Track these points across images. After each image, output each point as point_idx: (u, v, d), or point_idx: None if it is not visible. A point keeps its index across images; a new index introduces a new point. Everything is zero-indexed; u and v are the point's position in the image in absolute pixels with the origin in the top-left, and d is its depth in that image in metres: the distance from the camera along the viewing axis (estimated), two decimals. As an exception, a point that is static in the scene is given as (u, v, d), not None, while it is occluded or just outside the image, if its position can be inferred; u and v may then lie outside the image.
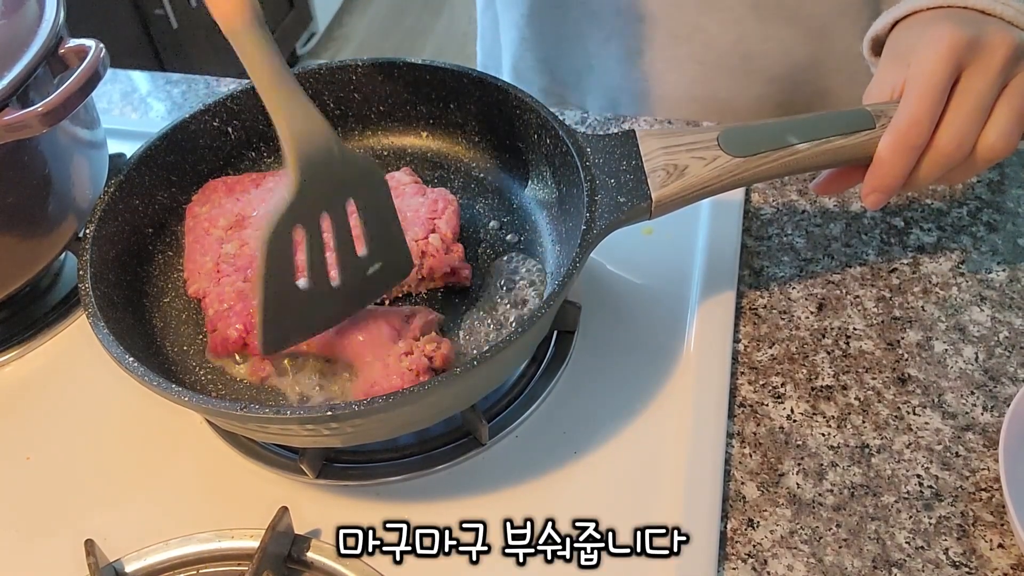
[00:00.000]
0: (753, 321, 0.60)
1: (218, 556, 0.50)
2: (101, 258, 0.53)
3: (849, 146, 0.53)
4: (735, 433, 0.55)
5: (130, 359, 0.47)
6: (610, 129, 0.74)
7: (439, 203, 0.59)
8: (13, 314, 0.64)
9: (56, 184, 0.58)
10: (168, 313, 0.58)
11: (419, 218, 0.58)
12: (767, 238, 0.65)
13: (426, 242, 0.56)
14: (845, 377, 0.57)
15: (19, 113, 0.51)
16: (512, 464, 0.54)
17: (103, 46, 0.55)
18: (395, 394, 0.44)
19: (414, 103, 0.64)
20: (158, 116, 0.80)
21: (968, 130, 0.51)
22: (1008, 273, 0.62)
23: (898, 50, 0.56)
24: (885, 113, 0.53)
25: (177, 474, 0.55)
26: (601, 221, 0.51)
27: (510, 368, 0.56)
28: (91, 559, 0.48)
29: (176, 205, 0.61)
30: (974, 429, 0.54)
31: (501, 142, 0.63)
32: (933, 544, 0.49)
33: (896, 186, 0.53)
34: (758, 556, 0.50)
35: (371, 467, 0.54)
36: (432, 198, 0.59)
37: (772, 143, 0.53)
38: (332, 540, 0.50)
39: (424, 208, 0.58)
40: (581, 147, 0.55)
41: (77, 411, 0.58)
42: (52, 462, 0.56)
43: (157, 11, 1.96)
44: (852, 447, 0.54)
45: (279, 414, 0.45)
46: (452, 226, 0.58)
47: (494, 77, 0.60)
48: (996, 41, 0.50)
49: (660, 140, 0.54)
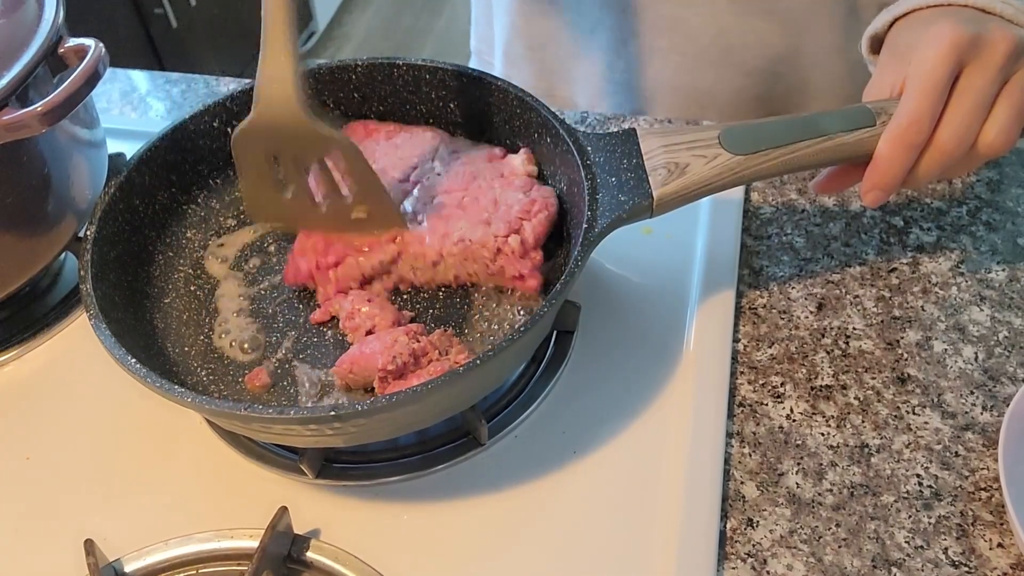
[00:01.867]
0: (753, 321, 0.60)
1: (218, 556, 0.50)
2: (102, 259, 0.53)
3: (849, 143, 0.53)
4: (734, 433, 0.55)
5: (132, 361, 0.47)
6: (609, 128, 0.74)
7: (536, 204, 0.56)
8: (13, 314, 0.64)
9: (55, 184, 0.58)
10: (169, 314, 0.58)
11: (509, 214, 0.55)
12: (767, 237, 0.65)
13: (504, 240, 0.54)
14: (845, 377, 0.57)
15: (19, 113, 0.51)
16: (511, 464, 0.54)
17: (102, 45, 0.55)
18: (397, 394, 0.44)
19: (413, 102, 0.64)
20: (157, 115, 0.80)
21: (968, 127, 0.51)
22: (1008, 272, 0.62)
23: (898, 48, 0.56)
24: (885, 110, 0.53)
25: (176, 474, 0.55)
26: (603, 220, 0.51)
27: (513, 367, 0.55)
28: (91, 559, 0.48)
29: (176, 205, 0.61)
30: (973, 429, 0.54)
31: (501, 141, 0.63)
32: (933, 544, 0.49)
33: (896, 184, 0.53)
34: (758, 556, 0.50)
35: (371, 467, 0.54)
36: (532, 197, 0.56)
37: (772, 141, 0.53)
38: (331, 540, 0.50)
39: (517, 206, 0.56)
40: (582, 146, 0.55)
41: (77, 411, 0.58)
42: (52, 462, 0.56)
43: (157, 10, 1.96)
44: (852, 447, 0.54)
45: (283, 414, 0.45)
46: (538, 232, 0.55)
47: (493, 76, 0.60)
48: (997, 38, 0.50)
49: (661, 138, 0.54)
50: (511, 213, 0.55)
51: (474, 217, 0.56)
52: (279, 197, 0.56)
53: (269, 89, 0.50)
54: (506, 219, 0.55)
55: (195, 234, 0.62)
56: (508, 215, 0.55)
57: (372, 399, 0.44)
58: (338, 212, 0.55)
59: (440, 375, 0.45)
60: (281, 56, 0.50)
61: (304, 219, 0.57)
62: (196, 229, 0.62)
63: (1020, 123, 0.52)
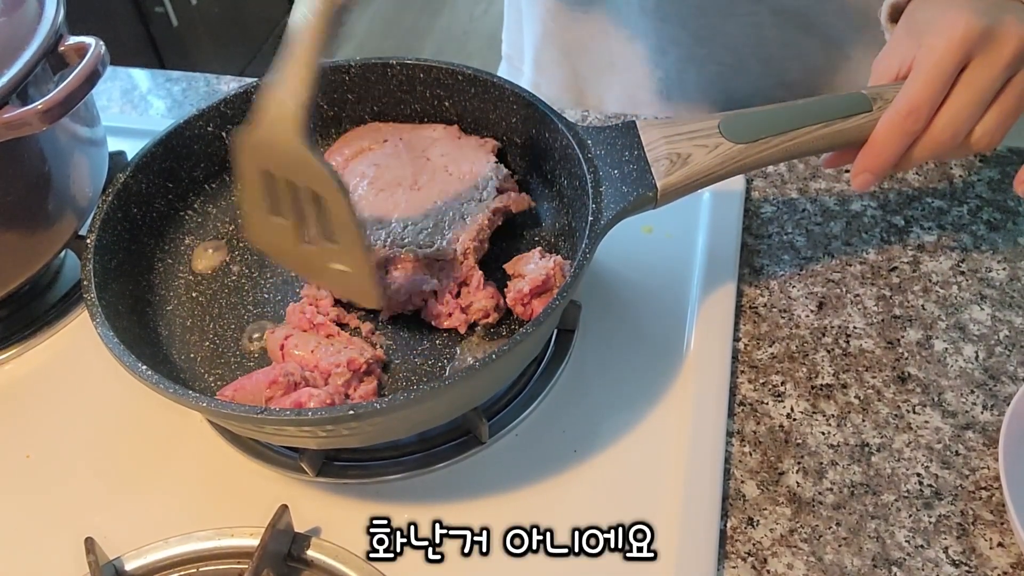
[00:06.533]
0: (753, 320, 0.60)
1: (218, 554, 0.50)
2: (103, 267, 0.53)
3: (848, 129, 0.54)
4: (735, 431, 0.55)
5: (143, 367, 0.47)
6: (610, 127, 0.74)
7: (551, 272, 0.54)
8: (13, 312, 0.64)
9: (56, 182, 0.58)
10: (173, 321, 0.57)
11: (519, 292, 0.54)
12: (767, 236, 0.65)
13: None
14: (845, 376, 0.57)
15: (19, 111, 0.51)
16: (512, 462, 0.54)
17: (103, 44, 0.55)
18: (416, 390, 0.44)
19: (408, 102, 0.64)
20: (158, 114, 0.80)
21: (964, 122, 0.52)
22: (1008, 272, 0.62)
23: (914, 25, 0.55)
24: (882, 96, 0.54)
25: (177, 472, 0.55)
26: (608, 212, 0.51)
27: (526, 359, 0.55)
28: (91, 557, 0.48)
29: (173, 212, 0.61)
30: (974, 428, 0.54)
31: (498, 138, 0.63)
32: (933, 543, 0.49)
33: (888, 168, 0.54)
34: (758, 555, 0.50)
35: (371, 465, 0.54)
36: (547, 268, 0.54)
37: (772, 129, 0.54)
38: (332, 538, 0.50)
39: (527, 282, 0.54)
40: (582, 139, 0.55)
41: (77, 409, 0.58)
42: (52, 460, 0.56)
43: (157, 9, 1.96)
44: (852, 446, 0.54)
45: (300, 416, 0.45)
46: None
47: (488, 73, 0.60)
48: (1009, 34, 0.50)
49: (661, 130, 0.54)
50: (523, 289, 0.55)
51: None
52: (270, 220, 0.52)
53: (274, 111, 0.47)
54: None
55: (193, 240, 0.62)
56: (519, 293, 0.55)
57: (390, 396, 0.45)
58: (321, 257, 0.52)
59: (462, 370, 0.46)
60: (298, 83, 0.46)
61: (288, 254, 0.54)
62: (194, 235, 0.62)
63: (1008, 126, 0.53)
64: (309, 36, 0.46)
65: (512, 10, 0.91)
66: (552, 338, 0.59)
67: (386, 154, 0.61)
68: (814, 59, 0.76)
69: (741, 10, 0.73)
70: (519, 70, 0.91)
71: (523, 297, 0.54)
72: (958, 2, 0.52)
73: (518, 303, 0.54)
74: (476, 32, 2.62)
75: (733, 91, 0.79)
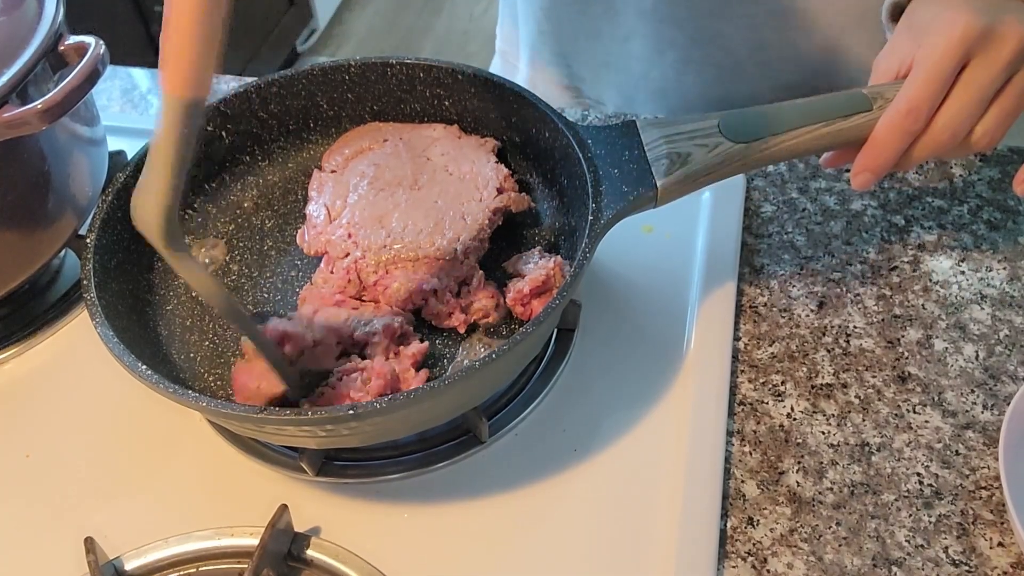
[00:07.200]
0: (753, 319, 0.60)
1: (218, 554, 0.50)
2: (103, 267, 0.53)
3: (848, 128, 0.54)
4: (735, 431, 0.55)
5: (143, 367, 0.47)
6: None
7: (549, 272, 0.54)
8: (13, 311, 0.64)
9: (56, 181, 0.58)
10: (172, 321, 0.57)
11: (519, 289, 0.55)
12: (767, 236, 0.65)
13: None
14: (845, 375, 0.57)
15: (19, 110, 0.51)
16: (512, 462, 0.54)
17: (103, 43, 0.55)
18: (417, 390, 0.44)
19: (408, 101, 0.64)
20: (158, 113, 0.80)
21: (964, 122, 0.52)
22: (1009, 271, 0.62)
23: (915, 23, 0.55)
24: (882, 95, 0.54)
25: (177, 471, 0.55)
26: (608, 211, 0.51)
27: (526, 359, 0.55)
28: (91, 556, 0.48)
29: None
30: (974, 427, 0.54)
31: (498, 138, 0.63)
32: (933, 542, 0.49)
33: (887, 168, 0.54)
34: (758, 554, 0.50)
35: (371, 465, 0.54)
36: (547, 268, 0.54)
37: (772, 128, 0.54)
38: (331, 538, 0.50)
39: (527, 282, 0.54)
40: (582, 139, 0.55)
41: (76, 409, 0.58)
42: (51, 460, 0.56)
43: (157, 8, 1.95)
44: (852, 445, 0.54)
45: (301, 415, 0.45)
46: None
47: (489, 72, 0.60)
48: (1008, 34, 0.50)
49: (661, 129, 0.54)
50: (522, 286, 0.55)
51: None
52: None
53: (139, 211, 0.44)
54: None
55: (193, 239, 0.62)
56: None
57: (391, 396, 0.45)
58: None
59: (461, 369, 0.46)
60: (161, 188, 0.44)
61: None
62: (194, 235, 0.62)
63: (1008, 125, 0.53)
64: (164, 143, 0.44)
65: (507, 7, 0.91)
66: (552, 338, 0.59)
67: (386, 154, 0.61)
68: (813, 61, 0.75)
69: (738, 12, 0.73)
70: (514, 67, 0.91)
71: (523, 297, 0.54)
72: (958, 1, 0.52)
73: (518, 303, 0.54)
74: (476, 32, 2.62)
75: (732, 92, 0.78)
